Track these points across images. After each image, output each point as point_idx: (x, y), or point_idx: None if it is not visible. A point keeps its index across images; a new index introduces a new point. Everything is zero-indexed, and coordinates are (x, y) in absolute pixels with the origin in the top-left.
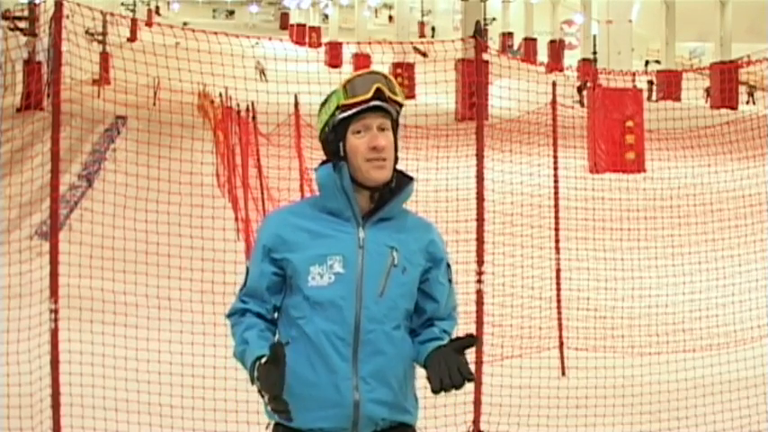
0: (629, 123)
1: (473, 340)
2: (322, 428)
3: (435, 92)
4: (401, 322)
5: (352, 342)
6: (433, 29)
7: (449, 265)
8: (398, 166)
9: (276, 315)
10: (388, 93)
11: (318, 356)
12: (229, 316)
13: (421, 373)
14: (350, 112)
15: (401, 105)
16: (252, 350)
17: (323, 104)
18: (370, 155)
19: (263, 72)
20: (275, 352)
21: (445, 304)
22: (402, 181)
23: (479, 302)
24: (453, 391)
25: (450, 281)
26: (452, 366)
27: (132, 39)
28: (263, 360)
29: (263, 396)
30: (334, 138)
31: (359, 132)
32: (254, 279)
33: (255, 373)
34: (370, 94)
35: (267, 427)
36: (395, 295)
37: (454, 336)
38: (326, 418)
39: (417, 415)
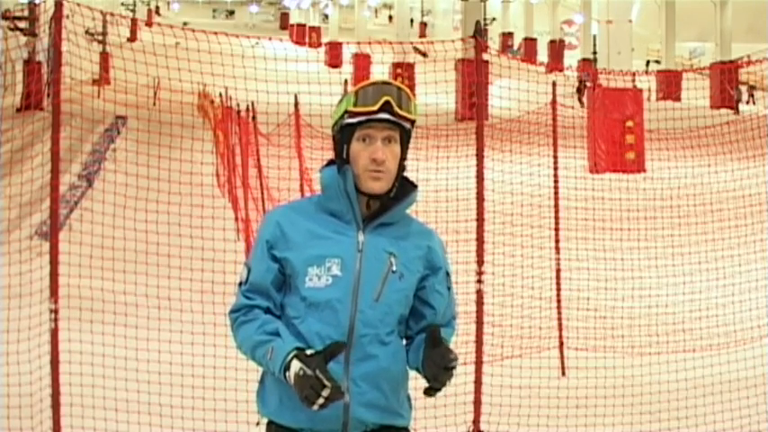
0: (629, 123)
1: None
2: (312, 429)
3: (435, 92)
4: (395, 327)
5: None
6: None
7: (448, 274)
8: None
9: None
10: (396, 108)
11: None
12: (232, 312)
13: (416, 373)
14: (355, 120)
15: (413, 121)
16: (286, 342)
17: (339, 101)
18: (370, 166)
19: None
20: (336, 347)
21: (443, 313)
22: (407, 188)
23: (479, 302)
24: (453, 391)
25: (449, 289)
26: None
27: (132, 39)
28: (309, 351)
29: (300, 384)
30: (340, 139)
31: (363, 140)
32: (258, 275)
33: (298, 363)
34: (376, 107)
35: (258, 424)
36: (391, 301)
37: (452, 343)
38: (316, 420)
39: (410, 418)
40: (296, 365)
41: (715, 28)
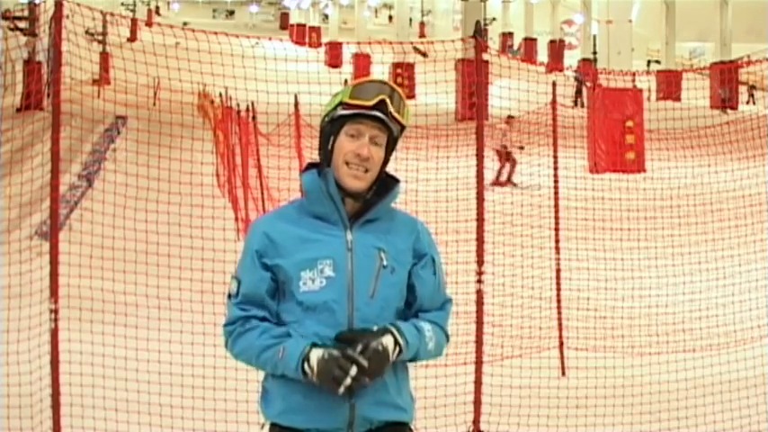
0: (629, 123)
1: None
2: (318, 429)
3: (435, 92)
4: (393, 321)
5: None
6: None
7: (433, 259)
8: (398, 166)
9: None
10: (391, 108)
11: None
12: (228, 324)
13: (419, 373)
14: (348, 112)
15: (403, 127)
16: (297, 342)
17: (335, 94)
18: (353, 160)
19: None
20: (350, 335)
21: (431, 297)
22: (389, 182)
23: (479, 302)
24: (454, 392)
25: (434, 274)
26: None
27: (132, 39)
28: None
29: (326, 367)
30: (329, 130)
31: (351, 135)
32: (251, 285)
33: (319, 349)
34: (371, 102)
35: (262, 427)
36: (386, 296)
37: (447, 326)
38: (322, 420)
39: (413, 413)
40: (317, 352)
41: (715, 28)
